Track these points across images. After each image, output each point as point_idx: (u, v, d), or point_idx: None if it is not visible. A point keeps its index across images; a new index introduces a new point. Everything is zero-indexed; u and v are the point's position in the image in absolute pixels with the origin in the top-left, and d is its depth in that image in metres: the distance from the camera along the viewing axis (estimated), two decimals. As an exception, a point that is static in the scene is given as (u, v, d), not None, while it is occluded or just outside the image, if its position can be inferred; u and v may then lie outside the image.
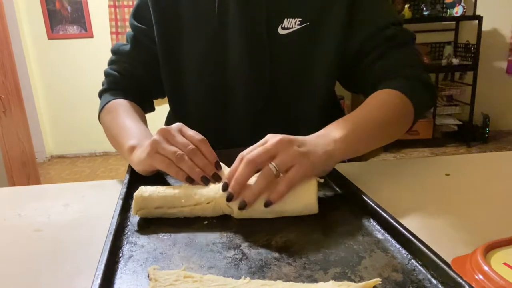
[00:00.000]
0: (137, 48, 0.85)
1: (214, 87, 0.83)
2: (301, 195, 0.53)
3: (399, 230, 0.46)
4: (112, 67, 0.87)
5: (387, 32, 0.76)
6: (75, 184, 0.74)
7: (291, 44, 0.77)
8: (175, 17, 0.81)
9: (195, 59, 0.82)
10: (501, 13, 3.74)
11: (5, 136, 2.39)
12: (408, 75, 0.74)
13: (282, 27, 0.76)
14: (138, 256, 0.46)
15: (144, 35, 0.84)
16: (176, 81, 0.85)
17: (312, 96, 0.82)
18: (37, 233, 0.56)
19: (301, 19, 0.76)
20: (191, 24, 0.80)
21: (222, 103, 0.84)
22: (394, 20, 0.78)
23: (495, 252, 0.43)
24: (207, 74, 0.82)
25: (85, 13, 3.75)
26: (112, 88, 0.85)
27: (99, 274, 0.39)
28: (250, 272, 0.42)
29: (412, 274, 0.40)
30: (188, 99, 0.86)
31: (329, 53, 0.78)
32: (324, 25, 0.77)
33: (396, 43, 0.77)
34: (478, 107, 3.68)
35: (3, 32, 2.48)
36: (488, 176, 0.71)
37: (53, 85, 3.91)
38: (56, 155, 4.14)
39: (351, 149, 0.61)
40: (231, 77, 0.81)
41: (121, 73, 0.85)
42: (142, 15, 0.85)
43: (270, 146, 0.53)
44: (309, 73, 0.80)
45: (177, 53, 0.83)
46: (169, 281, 0.39)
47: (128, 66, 0.85)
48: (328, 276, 0.41)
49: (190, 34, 0.81)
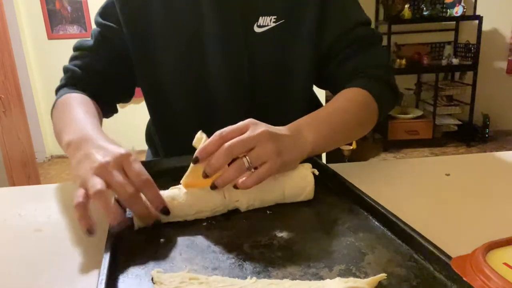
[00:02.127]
0: (102, 43, 0.80)
1: (193, 90, 0.81)
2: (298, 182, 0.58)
3: (399, 225, 0.46)
4: (73, 62, 0.81)
5: (356, 32, 0.77)
6: (75, 184, 0.74)
7: (268, 42, 0.77)
8: (146, 20, 0.77)
9: (171, 62, 0.80)
10: (501, 13, 3.74)
11: (5, 136, 2.39)
12: (374, 76, 0.76)
13: (257, 25, 0.76)
14: (139, 260, 0.45)
15: (111, 32, 0.79)
16: (154, 89, 0.82)
17: (293, 95, 0.82)
18: (37, 233, 0.56)
19: (276, 16, 0.76)
20: (165, 29, 0.78)
21: (204, 105, 0.82)
22: (362, 20, 0.79)
23: (495, 252, 0.43)
24: (185, 77, 0.80)
25: (85, 13, 3.75)
26: (69, 84, 0.80)
27: (103, 279, 0.39)
28: (255, 272, 0.42)
29: (415, 269, 0.41)
30: (167, 104, 0.83)
31: (306, 51, 0.79)
32: (300, 22, 0.77)
33: (364, 43, 0.78)
34: (478, 107, 3.68)
35: (3, 32, 2.48)
36: (488, 176, 0.71)
37: (53, 85, 3.80)
38: (56, 155, 4.14)
39: (319, 151, 0.64)
40: (211, 81, 0.80)
41: (82, 67, 0.79)
42: (109, 15, 0.80)
43: (250, 139, 0.54)
44: (287, 71, 0.80)
45: (151, 57, 0.79)
46: (174, 283, 0.38)
47: (90, 61, 0.79)
48: (333, 273, 0.41)
49: (164, 40, 0.78)
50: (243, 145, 0.54)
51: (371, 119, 0.74)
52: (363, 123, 0.73)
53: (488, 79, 3.82)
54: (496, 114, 3.88)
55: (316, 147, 0.62)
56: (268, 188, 0.57)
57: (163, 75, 0.81)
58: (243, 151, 0.54)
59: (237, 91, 0.80)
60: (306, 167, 0.59)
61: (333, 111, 0.70)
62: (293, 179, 0.58)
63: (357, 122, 0.71)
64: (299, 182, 0.58)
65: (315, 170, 0.59)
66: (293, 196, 0.58)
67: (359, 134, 0.75)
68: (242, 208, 0.56)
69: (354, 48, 0.78)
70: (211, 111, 0.82)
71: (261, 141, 0.54)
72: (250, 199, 0.56)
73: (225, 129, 0.55)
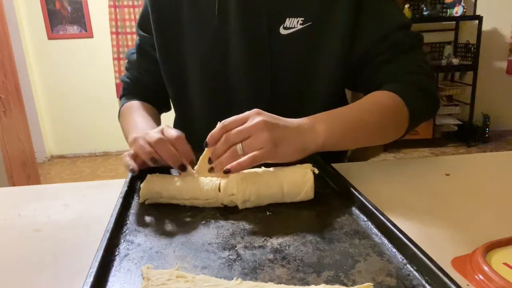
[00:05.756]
0: (143, 57, 0.90)
1: (216, 90, 0.82)
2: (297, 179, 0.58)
3: (395, 234, 0.45)
4: (126, 74, 0.95)
5: (393, 37, 0.75)
6: (75, 184, 0.74)
7: (293, 44, 0.76)
8: (174, 22, 0.81)
9: (196, 63, 0.82)
10: (501, 13, 3.74)
11: (5, 136, 2.39)
12: (409, 81, 0.73)
13: (284, 27, 0.75)
14: (133, 255, 0.46)
15: (148, 44, 0.88)
16: (178, 87, 0.86)
17: (316, 97, 0.81)
18: (37, 233, 0.56)
19: (304, 18, 0.75)
20: (191, 28, 0.80)
21: (225, 106, 0.83)
22: (401, 24, 0.76)
23: (495, 252, 0.43)
24: (209, 78, 0.82)
25: (85, 13, 3.75)
26: (126, 94, 0.94)
27: (92, 272, 0.39)
28: (243, 273, 0.42)
29: (407, 279, 0.40)
30: (191, 103, 0.87)
31: (333, 54, 0.77)
32: (328, 25, 0.75)
33: (402, 48, 0.75)
34: (478, 107, 3.67)
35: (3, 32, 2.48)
36: (488, 176, 0.71)
37: (53, 85, 3.91)
38: (56, 155, 4.14)
39: (332, 146, 0.65)
40: (233, 79, 0.81)
41: (132, 80, 0.92)
42: (145, 24, 0.87)
43: (246, 128, 0.58)
44: (312, 74, 0.79)
45: (177, 59, 0.83)
46: (161, 280, 0.39)
47: (137, 75, 0.92)
48: (320, 279, 0.40)
49: (190, 39, 0.81)
50: (239, 134, 0.58)
51: (399, 123, 0.71)
52: (387, 125, 0.70)
53: (488, 79, 3.82)
54: (496, 114, 3.88)
55: (328, 141, 0.63)
56: (265, 182, 0.57)
57: (187, 73, 0.84)
58: (239, 139, 0.58)
59: (258, 92, 0.80)
60: (306, 166, 0.59)
61: (353, 109, 0.69)
62: (292, 176, 0.58)
63: (380, 123, 0.69)
64: (298, 178, 0.58)
65: (315, 169, 0.59)
66: (292, 194, 0.58)
67: (383, 136, 0.72)
68: (238, 203, 0.56)
69: (391, 54, 0.75)
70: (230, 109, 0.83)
71: (257, 131, 0.58)
72: (246, 193, 0.56)
73: (228, 119, 0.60)
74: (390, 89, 0.71)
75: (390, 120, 0.70)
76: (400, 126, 0.72)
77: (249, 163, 0.57)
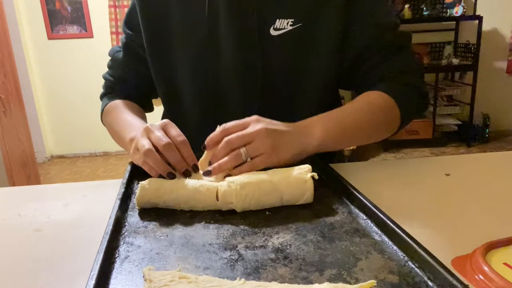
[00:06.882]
0: (128, 55, 0.88)
1: (207, 91, 0.82)
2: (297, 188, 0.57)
3: (396, 231, 0.45)
4: (109, 71, 0.93)
5: (384, 39, 0.77)
6: (75, 184, 0.74)
7: (284, 45, 0.76)
8: (164, 23, 0.80)
9: (186, 64, 0.81)
10: (501, 13, 3.74)
11: (5, 136, 2.39)
12: (400, 81, 0.76)
13: (274, 28, 0.75)
14: (134, 257, 0.45)
15: (134, 42, 0.86)
16: (169, 85, 0.85)
17: (308, 97, 0.81)
18: (37, 233, 0.56)
19: (294, 19, 0.75)
20: (181, 29, 0.79)
21: (217, 107, 0.83)
22: (391, 25, 0.77)
23: (495, 252, 0.43)
24: (200, 79, 0.81)
25: (85, 13, 3.75)
26: (109, 92, 0.92)
27: (94, 274, 0.39)
28: (246, 273, 0.42)
29: (408, 276, 0.40)
30: (182, 101, 0.86)
31: (324, 54, 0.77)
32: (318, 26, 0.76)
33: (392, 49, 0.77)
34: (478, 107, 3.67)
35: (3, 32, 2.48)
36: (488, 176, 0.71)
37: (53, 85, 3.91)
38: (56, 155, 4.14)
39: (327, 147, 0.67)
40: (224, 81, 0.80)
41: (116, 78, 0.90)
42: (132, 22, 0.85)
43: (248, 134, 0.60)
44: (303, 74, 0.79)
45: (168, 60, 0.82)
46: (164, 281, 0.39)
47: (121, 73, 0.90)
48: (323, 277, 0.40)
49: (180, 40, 0.80)
50: (241, 139, 0.60)
51: (391, 123, 0.74)
52: (380, 125, 0.73)
53: (488, 79, 3.82)
54: (496, 114, 3.88)
55: (323, 143, 0.65)
56: (264, 192, 0.55)
57: (178, 73, 0.83)
58: (240, 145, 0.60)
59: (249, 92, 0.80)
60: (306, 170, 0.58)
61: (347, 111, 0.71)
62: (292, 185, 0.56)
63: (373, 123, 0.72)
64: (298, 187, 0.56)
65: (314, 174, 0.57)
66: (291, 201, 0.57)
67: (376, 136, 0.75)
68: (238, 211, 0.56)
69: (382, 55, 0.77)
70: (222, 109, 0.83)
71: (259, 136, 0.60)
72: (245, 202, 0.55)
73: (229, 123, 0.62)
74: (381, 89, 0.74)
75: (382, 119, 0.73)
76: (392, 125, 0.75)
77: (248, 170, 0.59)
